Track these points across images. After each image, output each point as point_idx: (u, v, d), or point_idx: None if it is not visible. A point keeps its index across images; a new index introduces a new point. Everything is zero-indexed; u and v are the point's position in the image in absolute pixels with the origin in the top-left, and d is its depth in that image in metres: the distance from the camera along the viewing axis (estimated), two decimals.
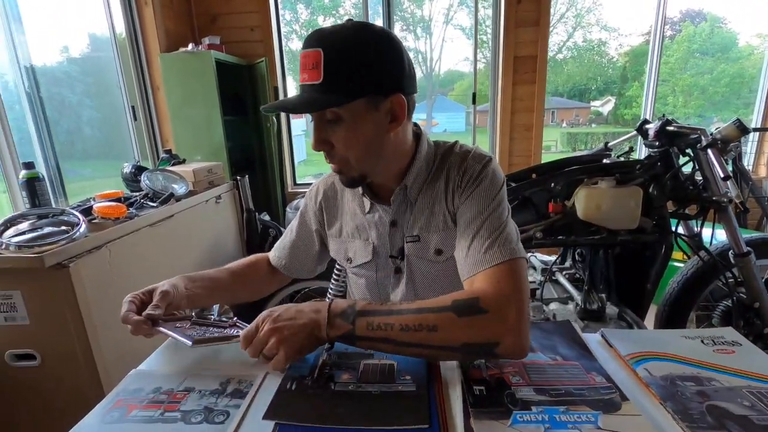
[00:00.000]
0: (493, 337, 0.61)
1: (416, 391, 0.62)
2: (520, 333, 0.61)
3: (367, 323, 0.63)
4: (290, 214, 2.54)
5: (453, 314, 0.61)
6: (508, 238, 0.70)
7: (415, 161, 0.80)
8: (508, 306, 0.62)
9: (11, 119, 1.75)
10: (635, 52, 10.30)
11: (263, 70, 2.64)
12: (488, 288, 0.64)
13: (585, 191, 1.34)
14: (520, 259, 0.68)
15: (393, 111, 0.71)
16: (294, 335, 0.64)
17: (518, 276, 0.66)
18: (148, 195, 1.73)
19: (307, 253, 0.96)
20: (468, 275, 0.70)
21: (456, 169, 0.79)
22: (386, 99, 0.70)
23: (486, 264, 0.68)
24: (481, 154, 0.80)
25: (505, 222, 0.73)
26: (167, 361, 0.74)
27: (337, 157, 0.73)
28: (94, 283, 1.25)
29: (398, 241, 0.84)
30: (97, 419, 0.59)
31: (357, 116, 0.69)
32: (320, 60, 0.65)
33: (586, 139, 11.41)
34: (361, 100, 0.68)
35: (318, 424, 0.56)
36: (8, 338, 1.20)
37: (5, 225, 1.23)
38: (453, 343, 0.62)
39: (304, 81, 0.68)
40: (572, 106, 11.76)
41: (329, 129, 0.71)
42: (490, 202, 0.74)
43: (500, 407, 0.58)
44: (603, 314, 1.39)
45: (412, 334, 0.62)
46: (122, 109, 2.52)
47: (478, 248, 0.70)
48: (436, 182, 0.81)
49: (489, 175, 0.76)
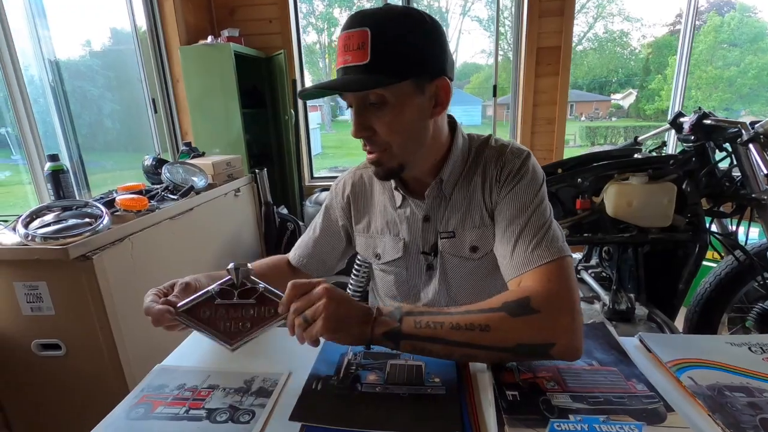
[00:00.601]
0: (549, 338, 0.59)
1: (446, 394, 0.59)
2: (574, 334, 0.59)
3: (415, 321, 0.60)
4: (309, 207, 2.53)
5: (505, 314, 0.59)
6: (555, 236, 0.68)
7: (451, 154, 0.77)
8: (560, 306, 0.60)
9: (36, 112, 1.77)
10: (659, 44, 9.99)
11: (281, 63, 2.63)
12: (538, 287, 0.62)
13: (615, 187, 1.29)
14: (568, 258, 0.67)
15: (438, 95, 0.70)
16: (341, 313, 0.59)
17: (568, 275, 0.64)
18: (168, 188, 1.73)
19: (331, 250, 0.94)
20: (514, 275, 0.68)
21: (493, 164, 0.76)
22: (431, 82, 0.68)
23: (533, 263, 0.66)
24: (520, 149, 0.77)
25: (549, 219, 0.71)
26: (191, 357, 0.73)
27: (378, 143, 0.70)
28: (117, 275, 1.26)
29: (431, 237, 0.82)
30: (123, 415, 0.59)
31: (402, 99, 0.66)
32: (367, 39, 0.63)
33: (606, 133, 11.13)
34: (408, 82, 0.66)
35: (345, 427, 0.54)
36: (35, 328, 1.22)
37: (31, 217, 1.24)
38: (506, 343, 0.59)
39: (346, 63, 0.65)
40: (592, 99, 11.47)
41: (372, 113, 0.68)
42: (533, 198, 0.72)
43: (535, 414, 0.55)
44: (632, 315, 1.34)
45: (463, 332, 0.59)
46: (143, 102, 2.54)
47: (524, 247, 0.68)
48: (472, 177, 0.78)
49: (530, 171, 0.74)
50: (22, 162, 1.79)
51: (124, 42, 2.49)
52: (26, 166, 1.76)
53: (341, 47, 0.66)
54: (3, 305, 1.20)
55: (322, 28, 10.49)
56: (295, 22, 2.87)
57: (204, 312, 0.65)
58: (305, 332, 0.60)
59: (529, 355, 0.62)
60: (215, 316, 0.65)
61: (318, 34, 10.36)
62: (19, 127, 1.68)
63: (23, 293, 1.19)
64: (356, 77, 0.65)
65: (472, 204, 0.78)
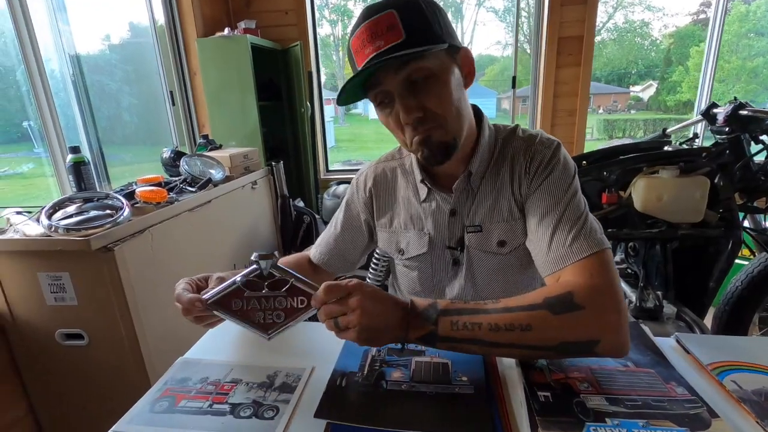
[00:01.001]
0: (594, 335, 0.56)
1: (474, 394, 0.57)
2: (620, 329, 0.57)
3: (451, 323, 0.58)
4: (327, 200, 2.52)
5: (547, 312, 0.57)
6: (592, 228, 0.66)
7: (479, 145, 0.75)
8: (605, 301, 0.58)
9: (57, 106, 1.79)
10: (681, 34, 9.65)
11: (297, 54, 2.61)
12: (581, 282, 0.60)
13: (644, 181, 1.24)
14: (608, 250, 0.64)
15: (464, 65, 0.69)
16: (375, 325, 0.57)
17: (610, 268, 0.62)
18: (186, 180, 1.74)
19: (352, 247, 0.92)
20: (552, 270, 0.66)
21: (522, 155, 0.74)
22: (458, 52, 0.68)
23: (573, 258, 0.63)
24: (549, 139, 0.74)
25: (585, 211, 0.68)
26: (213, 350, 0.72)
27: (431, 119, 0.66)
28: (138, 267, 1.27)
29: (457, 232, 0.79)
30: (147, 408, 0.58)
31: (444, 68, 0.66)
32: (396, 19, 0.61)
33: (625, 126, 10.87)
34: (444, 52, 0.65)
35: (372, 425, 0.53)
36: (58, 318, 1.24)
37: (54, 208, 1.26)
38: (549, 342, 0.57)
39: (379, 49, 0.62)
40: (610, 92, 11.20)
41: (418, 92, 0.65)
42: (566, 190, 0.69)
43: (570, 417, 0.53)
44: (660, 313, 1.29)
45: (503, 334, 0.57)
46: (161, 95, 2.55)
47: (562, 241, 0.65)
48: (499, 169, 0.75)
49: (561, 162, 0.71)
50: (44, 155, 1.81)
51: (141, 36, 2.50)
52: (48, 159, 1.78)
53: (366, 38, 0.63)
54: (28, 295, 1.22)
55: (335, 21, 10.40)
56: (311, 13, 2.84)
57: (236, 303, 0.64)
58: (337, 334, 0.59)
59: (573, 353, 0.60)
60: (247, 308, 0.64)
61: (332, 26, 10.26)
62: (41, 121, 1.70)
63: (47, 283, 1.20)
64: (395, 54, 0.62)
65: (500, 197, 0.76)
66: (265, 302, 0.63)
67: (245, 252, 2.04)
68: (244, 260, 2.01)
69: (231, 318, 0.64)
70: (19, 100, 1.78)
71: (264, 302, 0.63)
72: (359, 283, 0.58)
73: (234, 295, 0.64)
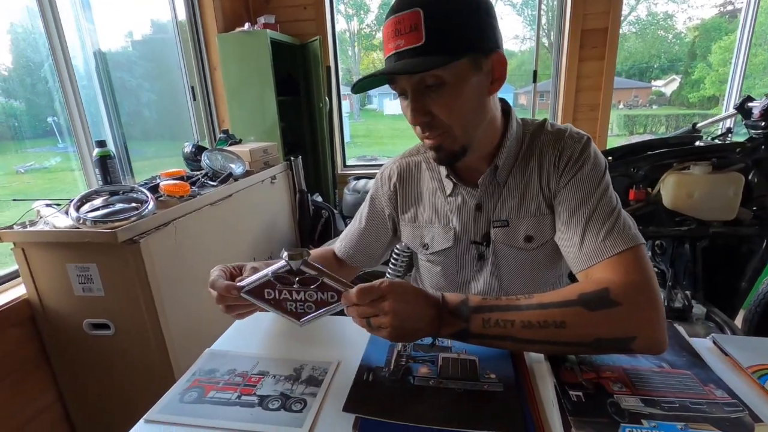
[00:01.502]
0: (630, 332, 0.56)
1: (504, 392, 0.56)
2: (657, 326, 0.56)
3: (483, 320, 0.58)
4: (348, 195, 2.52)
5: (582, 309, 0.56)
6: (626, 224, 0.65)
7: (506, 139, 0.74)
8: (641, 298, 0.57)
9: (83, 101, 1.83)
10: (706, 26, 9.36)
11: (316, 49, 2.61)
12: (616, 278, 0.59)
13: (674, 177, 1.20)
14: (642, 246, 0.63)
15: (494, 70, 0.66)
16: (407, 327, 0.57)
17: (646, 264, 0.60)
18: (207, 174, 1.76)
19: (377, 241, 0.91)
20: (584, 266, 0.65)
21: (551, 150, 0.72)
22: (487, 58, 0.65)
23: (606, 253, 0.62)
24: (579, 133, 0.73)
25: (617, 206, 0.67)
26: (239, 342, 0.73)
27: (437, 127, 0.67)
28: (162, 259, 1.29)
29: (483, 226, 0.79)
30: (177, 398, 0.59)
31: (461, 78, 0.63)
32: (420, 20, 0.60)
33: (646, 122, 10.56)
34: (465, 60, 0.63)
35: (401, 420, 0.52)
36: (86, 308, 1.27)
37: (81, 201, 1.29)
38: (585, 339, 0.57)
39: (398, 48, 0.62)
40: (631, 86, 10.91)
41: (429, 97, 0.65)
42: (597, 185, 0.68)
43: (604, 418, 0.51)
44: (689, 314, 1.26)
45: (536, 331, 0.56)
46: (182, 90, 2.58)
47: (594, 237, 0.64)
48: (527, 163, 0.74)
49: (591, 156, 0.70)
50: (68, 150, 1.85)
51: (163, 32, 2.53)
52: (74, 153, 1.82)
53: (391, 33, 0.63)
54: (58, 285, 1.25)
55: (351, 15, 10.38)
56: (329, 7, 2.83)
57: (268, 293, 0.64)
58: (369, 331, 0.59)
59: (608, 350, 0.59)
60: (279, 297, 0.64)
61: (347, 21, 10.26)
62: (69, 115, 1.74)
63: (75, 274, 1.23)
64: (412, 60, 0.62)
65: (528, 192, 0.75)
66: (296, 294, 0.64)
67: (264, 246, 2.06)
68: (263, 254, 2.03)
69: (264, 305, 0.65)
70: (46, 96, 1.83)
71: (295, 294, 0.64)
72: (391, 285, 0.57)
73: (266, 286, 0.64)
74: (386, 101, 15.01)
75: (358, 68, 11.53)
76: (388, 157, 1.10)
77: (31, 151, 1.95)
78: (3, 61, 1.72)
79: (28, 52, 1.79)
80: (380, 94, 14.95)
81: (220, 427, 0.53)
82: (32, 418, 1.32)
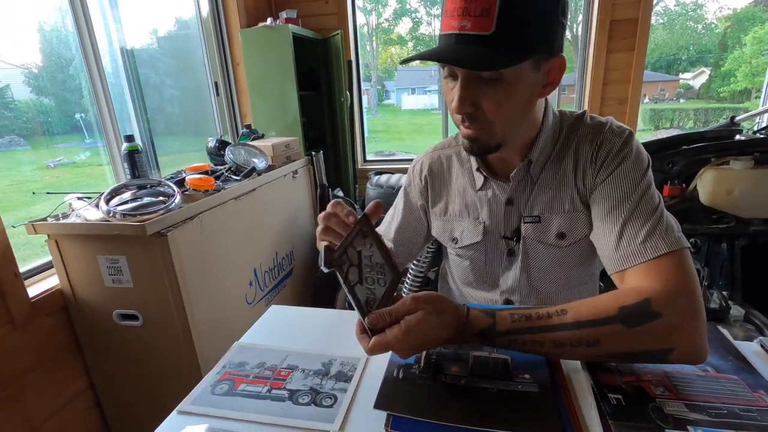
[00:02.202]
0: (668, 344, 0.53)
1: (539, 393, 0.55)
2: (698, 335, 0.53)
3: (510, 341, 0.56)
4: (371, 190, 2.51)
5: (621, 326, 0.53)
6: (669, 225, 0.61)
7: (542, 133, 0.71)
8: (685, 308, 0.53)
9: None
10: (739, 16, 8.97)
11: (338, 44, 2.60)
12: (656, 286, 0.55)
13: (713, 173, 1.15)
14: (686, 250, 0.59)
15: (551, 73, 0.63)
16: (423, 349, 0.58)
17: (689, 269, 0.57)
18: (231, 168, 1.78)
19: (414, 236, 0.89)
20: (621, 267, 0.62)
21: (588, 144, 0.69)
22: (548, 60, 0.61)
23: (646, 255, 0.59)
24: (620, 127, 0.69)
25: (660, 206, 0.63)
26: (267, 336, 0.73)
27: (480, 120, 0.63)
28: (188, 252, 1.31)
29: (514, 221, 0.77)
30: (208, 390, 0.59)
31: (519, 77, 0.59)
32: (495, 5, 0.54)
33: (672, 116, 10.21)
34: (529, 60, 0.59)
35: (434, 419, 0.51)
36: (115, 299, 1.30)
37: (111, 194, 1.31)
38: (617, 351, 0.54)
39: (463, 30, 0.57)
40: (657, 79, 10.57)
41: (481, 89, 0.61)
42: (639, 182, 0.64)
43: (646, 422, 0.49)
44: (726, 315, 1.21)
45: (566, 349, 0.55)
46: (206, 86, 2.61)
47: (633, 237, 0.61)
48: (562, 158, 0.72)
49: (633, 152, 0.67)
50: (95, 145, 1.90)
51: (186, 28, 2.56)
52: (102, 148, 1.87)
53: (458, 9, 0.56)
54: (89, 276, 1.28)
55: (369, 10, 10.32)
56: (351, 1, 2.82)
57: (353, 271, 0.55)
58: None
59: (641, 361, 0.57)
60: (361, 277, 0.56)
61: (366, 15, 10.18)
62: (98, 111, 1.78)
63: (105, 266, 1.26)
64: (476, 50, 0.57)
65: (562, 187, 0.72)
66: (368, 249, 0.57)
67: (286, 241, 2.07)
68: (285, 249, 2.05)
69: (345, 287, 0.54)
70: (74, 93, 1.87)
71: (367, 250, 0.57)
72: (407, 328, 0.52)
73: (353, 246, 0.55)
74: (404, 96, 14.88)
75: (376, 63, 11.46)
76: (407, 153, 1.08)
77: (60, 146, 2.01)
78: (33, 60, 1.78)
79: (60, 50, 1.83)
80: (398, 89, 14.84)
81: (251, 420, 0.53)
82: (65, 404, 1.36)
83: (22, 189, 1.77)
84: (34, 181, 1.93)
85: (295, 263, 2.15)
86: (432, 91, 11.92)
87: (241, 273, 1.66)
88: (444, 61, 0.60)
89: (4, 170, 1.77)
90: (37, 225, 1.23)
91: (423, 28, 9.68)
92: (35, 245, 1.49)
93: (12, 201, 1.70)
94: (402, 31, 8.50)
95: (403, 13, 10.41)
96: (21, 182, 1.86)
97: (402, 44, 9.40)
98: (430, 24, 7.89)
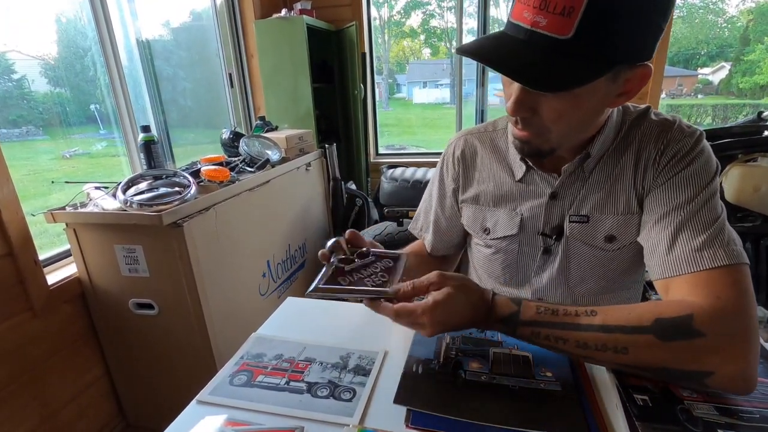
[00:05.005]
0: (707, 367, 0.48)
1: (563, 391, 0.54)
2: (744, 362, 0.48)
3: (533, 332, 0.54)
4: (386, 184, 2.50)
5: (653, 337, 0.49)
6: (731, 238, 0.56)
7: (604, 129, 0.66)
8: (734, 327, 0.49)
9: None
10: (762, 9, 8.72)
11: (352, 35, 2.58)
12: (704, 302, 0.50)
13: (739, 169, 1.11)
14: (746, 267, 0.54)
15: (629, 83, 0.55)
16: (447, 329, 0.56)
17: (747, 288, 0.52)
18: (245, 160, 1.78)
19: (452, 227, 0.86)
20: (668, 274, 0.57)
21: (653, 142, 0.64)
22: (631, 69, 0.54)
23: (699, 265, 0.53)
24: (690, 127, 0.64)
25: (722, 216, 0.58)
26: (284, 328, 0.73)
27: (536, 126, 0.59)
28: (203, 243, 1.31)
29: (556, 218, 0.72)
30: (227, 381, 0.59)
31: (591, 90, 0.53)
32: (580, 7, 0.46)
33: (690, 112, 9.98)
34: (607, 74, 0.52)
35: (455, 416, 0.50)
36: (132, 288, 1.31)
37: (128, 184, 1.32)
38: (647, 364, 0.51)
39: (535, 26, 0.49)
40: (675, 74, 10.33)
41: (542, 94, 0.55)
42: (705, 187, 0.59)
43: (675, 425, 0.48)
44: None
45: (591, 352, 0.52)
46: (220, 78, 2.62)
47: (688, 243, 0.56)
48: (621, 154, 0.66)
49: (704, 155, 0.61)
50: (109, 136, 1.92)
51: (200, 20, 2.56)
52: (119, 139, 1.88)
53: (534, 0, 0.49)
54: (106, 265, 1.30)
55: (381, 3, 10.24)
56: None
57: (343, 280, 0.63)
58: None
59: (674, 381, 0.53)
60: (355, 279, 0.63)
61: (377, 8, 10.14)
62: (115, 103, 1.79)
63: (122, 255, 1.28)
64: (544, 58, 0.49)
65: (618, 186, 0.67)
66: (365, 270, 0.64)
67: (299, 233, 2.07)
68: (297, 241, 2.05)
69: (345, 294, 0.62)
70: (89, 84, 1.89)
71: (364, 270, 0.64)
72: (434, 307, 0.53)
73: (338, 274, 0.63)
74: (415, 90, 14.75)
75: (388, 56, 11.36)
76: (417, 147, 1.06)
77: (76, 137, 2.03)
78: (50, 51, 1.79)
79: (78, 41, 1.84)
80: (409, 82, 14.70)
81: (271, 412, 0.53)
82: (82, 390, 1.39)
83: (39, 179, 1.80)
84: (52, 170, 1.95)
85: (307, 256, 2.15)
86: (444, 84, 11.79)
87: (255, 264, 1.67)
88: (505, 74, 0.52)
89: (22, 160, 1.80)
90: (56, 213, 1.25)
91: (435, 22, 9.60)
92: (52, 234, 1.51)
93: (30, 190, 1.73)
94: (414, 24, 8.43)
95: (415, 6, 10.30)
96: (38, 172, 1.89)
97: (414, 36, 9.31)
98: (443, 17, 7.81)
